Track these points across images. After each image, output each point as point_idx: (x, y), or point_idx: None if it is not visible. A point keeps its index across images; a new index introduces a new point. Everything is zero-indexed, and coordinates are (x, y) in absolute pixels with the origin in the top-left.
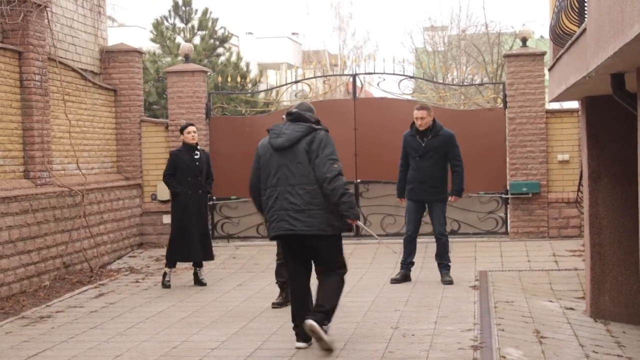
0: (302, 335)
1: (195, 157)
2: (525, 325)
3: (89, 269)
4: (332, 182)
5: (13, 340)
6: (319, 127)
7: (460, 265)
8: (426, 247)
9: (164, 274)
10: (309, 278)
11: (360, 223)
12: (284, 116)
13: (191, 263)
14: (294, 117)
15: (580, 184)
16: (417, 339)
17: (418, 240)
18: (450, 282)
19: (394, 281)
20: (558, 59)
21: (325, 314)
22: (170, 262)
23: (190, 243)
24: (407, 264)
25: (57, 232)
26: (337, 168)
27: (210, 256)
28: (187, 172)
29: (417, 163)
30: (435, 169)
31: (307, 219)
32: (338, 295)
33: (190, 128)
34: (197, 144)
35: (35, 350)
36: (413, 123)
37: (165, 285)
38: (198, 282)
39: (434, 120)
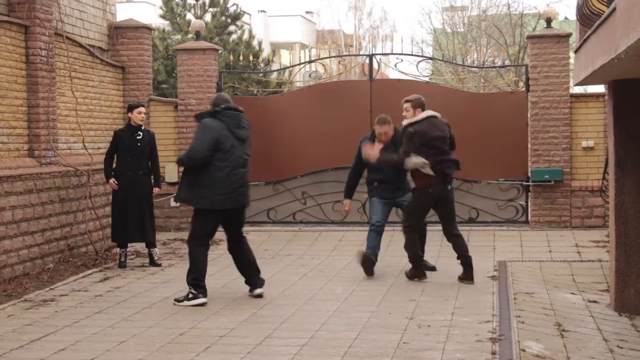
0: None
1: (137, 137)
2: (546, 318)
3: (94, 252)
4: None
5: (15, 323)
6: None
7: (478, 255)
8: (442, 237)
9: (119, 255)
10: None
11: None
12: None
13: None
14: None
15: (605, 172)
16: (433, 330)
17: (433, 229)
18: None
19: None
20: (585, 41)
21: None
22: (120, 244)
23: (127, 224)
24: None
25: (61, 213)
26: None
27: (150, 238)
28: (127, 152)
29: (377, 170)
30: (396, 172)
31: None
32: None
33: (142, 109)
34: (142, 125)
35: (38, 334)
36: (373, 131)
37: (120, 264)
38: (153, 263)
39: (394, 130)
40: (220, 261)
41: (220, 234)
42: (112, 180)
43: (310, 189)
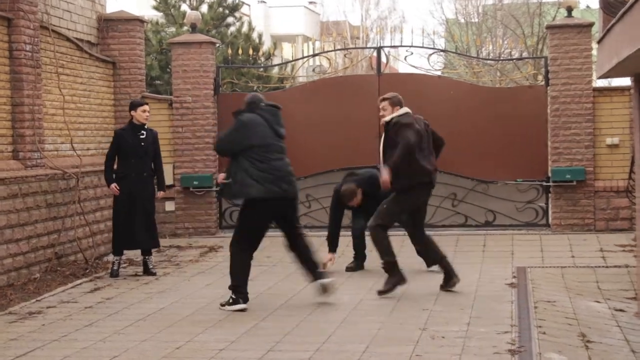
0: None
1: (141, 136)
2: (569, 328)
3: (84, 261)
4: None
5: None
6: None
7: (496, 260)
8: (457, 240)
9: (112, 263)
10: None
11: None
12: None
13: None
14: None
15: (631, 171)
16: (448, 342)
17: (448, 232)
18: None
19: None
20: (609, 30)
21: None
22: (117, 250)
23: (135, 230)
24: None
25: (48, 219)
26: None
27: (156, 244)
28: (131, 153)
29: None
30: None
31: None
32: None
33: (146, 107)
34: (145, 124)
35: (24, 349)
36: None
37: (113, 274)
38: (147, 271)
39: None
40: (218, 269)
41: (217, 240)
42: (113, 186)
43: (315, 192)
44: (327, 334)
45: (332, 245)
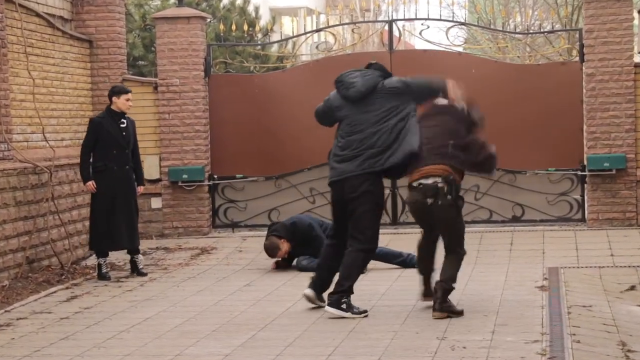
0: None
1: (122, 125)
2: (607, 335)
3: (59, 265)
4: None
5: None
6: None
7: (524, 260)
8: (481, 237)
9: (99, 266)
10: None
11: None
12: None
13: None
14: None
15: None
16: (470, 353)
17: (471, 228)
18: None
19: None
20: None
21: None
22: (100, 252)
23: (117, 228)
24: None
25: (18, 219)
26: None
27: (137, 243)
28: (111, 144)
29: None
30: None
31: None
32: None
33: (130, 95)
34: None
35: None
36: None
37: (103, 277)
38: (137, 271)
39: None
40: (211, 273)
41: (210, 241)
42: (90, 183)
43: (320, 185)
44: (334, 345)
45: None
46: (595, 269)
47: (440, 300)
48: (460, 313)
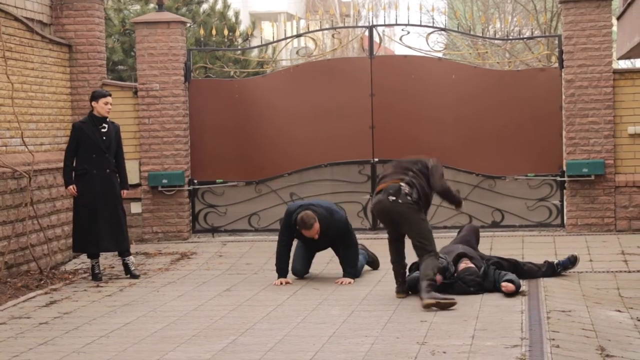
0: None
1: (103, 130)
2: (586, 340)
3: (38, 271)
4: None
5: None
6: None
7: None
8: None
9: (92, 267)
10: None
11: None
12: None
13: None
14: None
15: None
16: (450, 357)
17: (451, 233)
18: None
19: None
20: (630, 4)
21: None
22: (91, 255)
23: (99, 231)
24: None
25: None
26: None
27: (125, 245)
28: (91, 148)
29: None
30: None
31: None
32: None
33: (109, 98)
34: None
35: None
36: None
37: (97, 277)
38: (130, 273)
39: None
40: (191, 278)
41: (190, 246)
42: (71, 187)
43: (300, 190)
44: (314, 351)
45: (284, 272)
46: (574, 275)
47: (425, 290)
48: (450, 300)
